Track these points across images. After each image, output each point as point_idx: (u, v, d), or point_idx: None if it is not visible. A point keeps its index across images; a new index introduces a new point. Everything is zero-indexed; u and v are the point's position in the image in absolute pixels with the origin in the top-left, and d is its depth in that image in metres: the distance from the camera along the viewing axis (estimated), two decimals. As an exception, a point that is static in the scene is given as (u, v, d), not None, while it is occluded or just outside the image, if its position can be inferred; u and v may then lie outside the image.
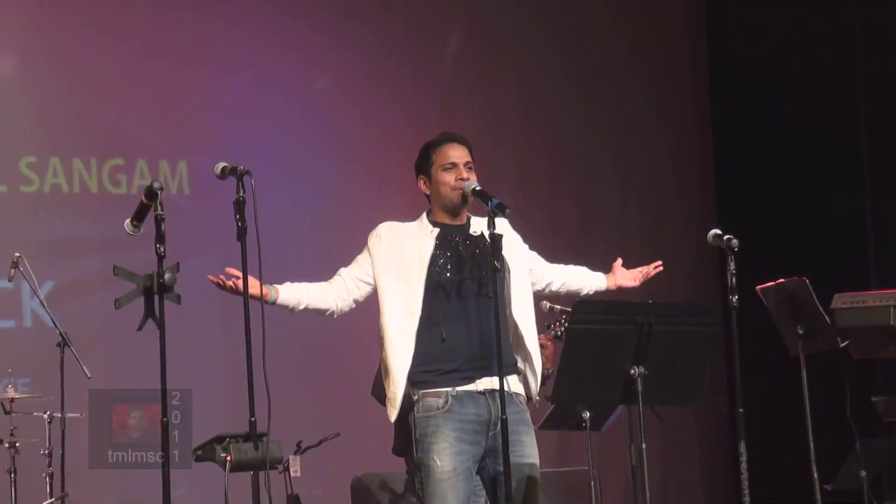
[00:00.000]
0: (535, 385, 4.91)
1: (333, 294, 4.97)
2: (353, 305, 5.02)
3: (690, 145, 10.82)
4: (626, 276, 5.27)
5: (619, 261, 5.35)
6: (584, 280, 5.28)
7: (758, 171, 10.07)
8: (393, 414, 4.78)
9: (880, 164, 9.56)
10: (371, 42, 10.08)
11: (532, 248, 5.22)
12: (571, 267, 5.30)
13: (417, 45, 10.29)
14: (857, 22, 9.67)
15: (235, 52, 9.91)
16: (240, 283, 4.74)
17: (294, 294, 4.93)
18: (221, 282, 4.79)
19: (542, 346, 6.48)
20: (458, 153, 4.94)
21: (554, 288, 5.24)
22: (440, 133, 5.09)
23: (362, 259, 4.98)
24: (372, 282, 4.93)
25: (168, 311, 4.80)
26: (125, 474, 7.95)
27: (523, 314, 4.89)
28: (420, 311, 4.77)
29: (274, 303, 4.89)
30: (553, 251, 9.68)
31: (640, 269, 5.28)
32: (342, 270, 5.01)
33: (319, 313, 5.00)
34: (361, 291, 4.98)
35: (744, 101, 10.20)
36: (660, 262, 5.30)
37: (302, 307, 4.96)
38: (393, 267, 4.87)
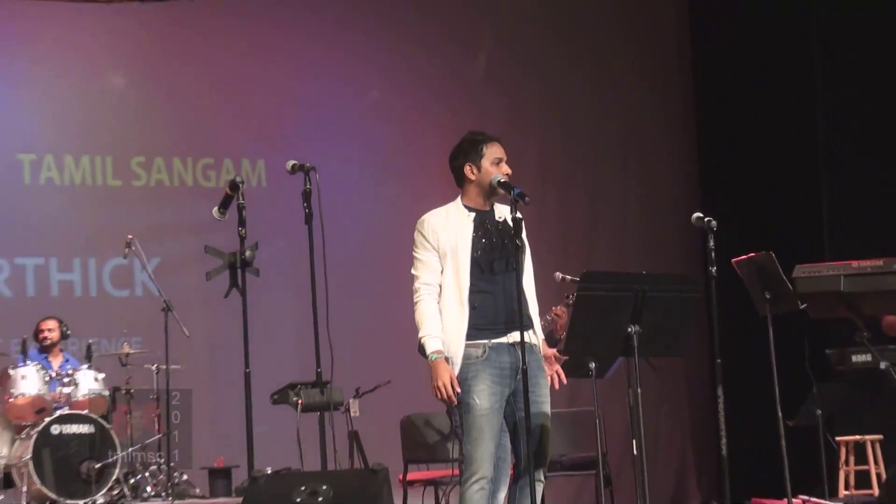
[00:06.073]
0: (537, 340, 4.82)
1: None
2: None
3: (681, 143, 10.73)
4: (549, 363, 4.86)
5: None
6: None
7: (735, 166, 10.06)
8: (455, 370, 4.66)
9: (833, 159, 9.51)
10: (417, 54, 10.16)
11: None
12: (533, 295, 4.86)
13: (455, 53, 10.34)
14: (815, 37, 9.58)
15: (306, 67, 9.94)
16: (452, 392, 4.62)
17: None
18: (450, 399, 4.63)
19: (558, 316, 6.46)
20: (502, 152, 4.86)
21: None
22: (476, 131, 4.95)
23: (429, 258, 4.77)
24: (441, 269, 4.81)
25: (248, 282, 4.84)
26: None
27: (528, 287, 4.82)
28: (469, 284, 4.72)
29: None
30: (567, 233, 9.75)
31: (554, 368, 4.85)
32: (427, 278, 4.75)
33: None
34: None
35: (725, 111, 10.19)
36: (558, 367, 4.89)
37: None
38: (448, 251, 4.77)
